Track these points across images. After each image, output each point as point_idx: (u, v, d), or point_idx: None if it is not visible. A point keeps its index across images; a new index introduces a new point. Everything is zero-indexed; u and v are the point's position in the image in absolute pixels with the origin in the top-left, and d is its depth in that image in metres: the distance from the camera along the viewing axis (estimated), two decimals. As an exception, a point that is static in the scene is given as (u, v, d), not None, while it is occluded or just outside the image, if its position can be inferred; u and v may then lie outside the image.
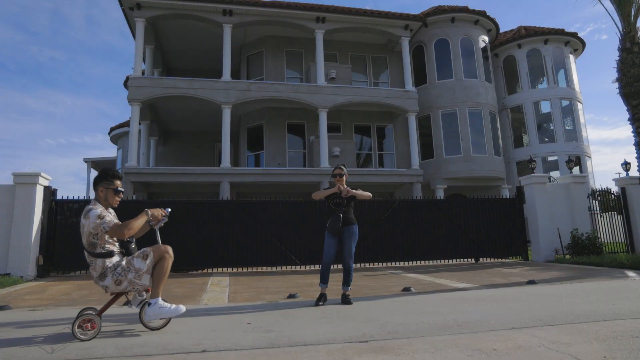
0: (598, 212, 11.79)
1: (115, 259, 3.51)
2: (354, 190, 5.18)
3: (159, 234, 3.82)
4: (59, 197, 9.42)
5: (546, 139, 21.04)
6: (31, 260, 8.47)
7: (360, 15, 16.87)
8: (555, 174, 19.30)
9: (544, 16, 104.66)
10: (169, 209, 3.83)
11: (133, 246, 3.64)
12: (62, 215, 9.30)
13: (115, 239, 3.55)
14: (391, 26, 17.46)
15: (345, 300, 5.03)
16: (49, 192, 9.15)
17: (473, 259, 11.26)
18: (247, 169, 16.30)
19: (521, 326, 3.67)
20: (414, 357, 2.84)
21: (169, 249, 3.60)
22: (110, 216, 3.54)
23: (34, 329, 3.88)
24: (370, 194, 5.29)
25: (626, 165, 17.31)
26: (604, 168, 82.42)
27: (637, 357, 2.75)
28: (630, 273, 7.76)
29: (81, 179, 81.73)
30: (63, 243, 9.11)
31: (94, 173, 25.03)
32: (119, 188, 3.69)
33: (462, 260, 11.20)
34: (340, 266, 5.28)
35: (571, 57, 21.84)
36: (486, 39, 19.65)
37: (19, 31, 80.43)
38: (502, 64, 22.16)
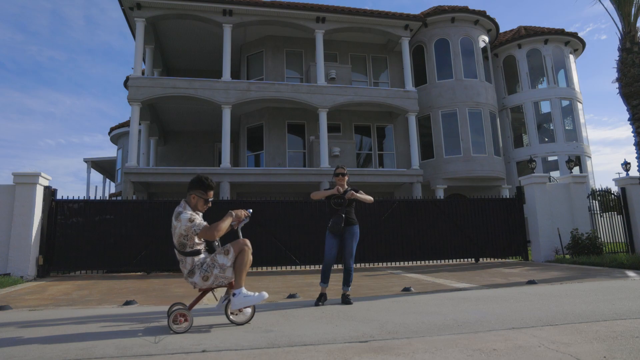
0: (598, 212, 11.78)
1: (202, 256, 3.76)
2: (356, 194, 5.18)
3: (241, 234, 4.01)
4: (58, 197, 9.45)
5: (546, 139, 21.03)
6: (31, 261, 8.47)
7: (360, 15, 16.87)
8: (555, 174, 19.31)
9: (543, 16, 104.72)
10: (251, 210, 4.03)
11: (216, 243, 3.88)
12: (62, 215, 9.31)
13: (203, 239, 3.77)
14: (391, 26, 17.46)
15: (346, 300, 5.03)
16: (49, 192, 9.16)
17: (473, 259, 11.26)
18: (247, 169, 16.29)
19: (521, 326, 3.67)
20: (414, 357, 2.84)
21: (248, 242, 3.81)
22: (200, 219, 3.78)
23: (34, 329, 3.88)
24: (371, 198, 5.26)
25: (626, 165, 17.30)
26: (604, 168, 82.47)
27: (637, 357, 2.75)
28: (630, 273, 7.76)
29: (81, 179, 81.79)
30: (63, 243, 9.12)
31: (94, 173, 25.04)
32: (210, 199, 3.91)
33: (462, 260, 11.20)
34: (340, 266, 5.28)
35: (571, 57, 21.83)
36: (486, 39, 19.64)
37: (18, 31, 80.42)
38: (502, 64, 22.15)
